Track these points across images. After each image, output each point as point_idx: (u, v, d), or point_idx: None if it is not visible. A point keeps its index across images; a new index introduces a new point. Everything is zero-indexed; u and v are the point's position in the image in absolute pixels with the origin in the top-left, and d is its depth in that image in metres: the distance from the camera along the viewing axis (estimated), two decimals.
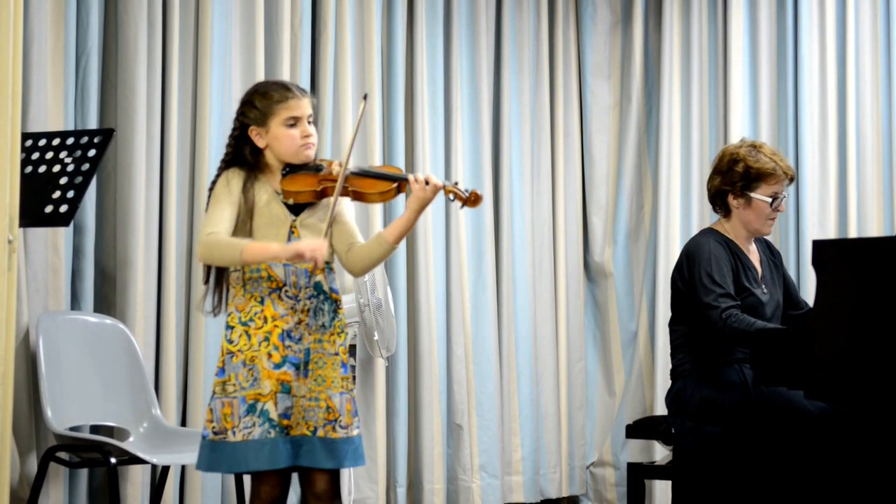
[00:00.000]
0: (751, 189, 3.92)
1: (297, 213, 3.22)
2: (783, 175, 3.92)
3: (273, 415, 3.11)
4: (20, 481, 4.04)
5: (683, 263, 3.92)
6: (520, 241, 5.68)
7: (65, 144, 3.60)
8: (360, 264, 3.27)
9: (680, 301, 3.95)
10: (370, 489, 5.07)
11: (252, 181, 3.20)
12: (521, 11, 5.77)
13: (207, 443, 3.13)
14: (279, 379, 3.12)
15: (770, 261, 4.06)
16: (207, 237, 3.12)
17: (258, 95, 3.25)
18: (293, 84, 3.30)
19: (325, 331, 3.20)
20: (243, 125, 3.25)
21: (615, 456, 5.87)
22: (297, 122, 3.22)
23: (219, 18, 4.68)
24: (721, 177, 3.98)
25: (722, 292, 3.78)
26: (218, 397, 3.13)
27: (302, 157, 3.23)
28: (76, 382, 4.15)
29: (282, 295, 3.16)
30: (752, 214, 3.94)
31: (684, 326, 3.94)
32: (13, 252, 2.83)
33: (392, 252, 3.28)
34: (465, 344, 5.43)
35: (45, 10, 4.18)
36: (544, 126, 5.83)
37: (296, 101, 3.22)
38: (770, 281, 3.99)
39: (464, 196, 3.22)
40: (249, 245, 3.10)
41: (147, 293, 4.43)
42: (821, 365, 3.35)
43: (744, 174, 3.92)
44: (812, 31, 5.64)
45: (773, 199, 3.91)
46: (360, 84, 5.17)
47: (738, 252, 3.93)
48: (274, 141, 3.22)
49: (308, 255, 3.06)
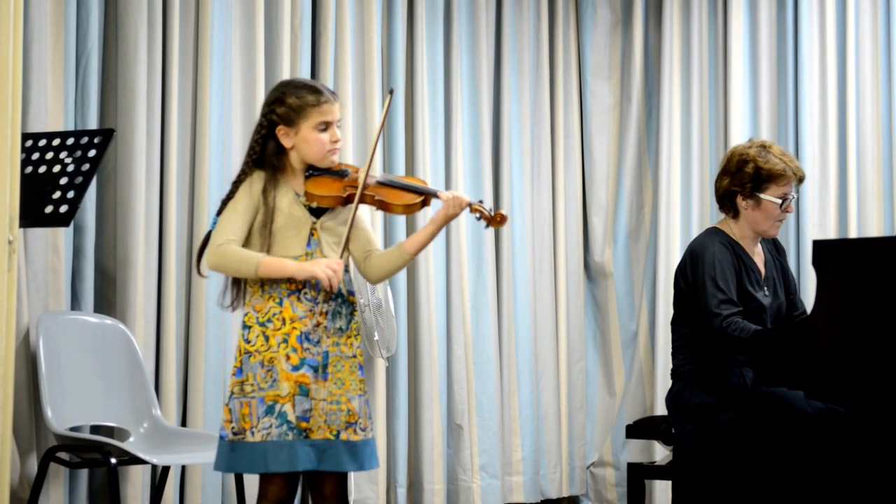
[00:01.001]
0: (760, 190, 3.89)
1: (317, 215, 3.20)
2: (793, 176, 3.90)
3: (291, 417, 3.09)
4: (20, 481, 4.04)
5: (687, 264, 3.90)
6: (520, 242, 5.68)
7: (65, 145, 3.60)
8: (379, 273, 3.29)
9: (682, 301, 3.94)
10: (370, 489, 5.07)
11: (274, 184, 3.17)
12: (521, 12, 5.77)
13: (226, 443, 3.12)
14: (297, 381, 3.11)
15: (775, 260, 4.04)
16: (220, 248, 3.10)
17: (290, 95, 3.19)
18: (325, 87, 3.26)
19: (343, 334, 3.19)
20: (271, 123, 3.21)
21: (615, 456, 5.86)
22: (328, 126, 3.20)
23: (219, 19, 4.68)
24: (730, 177, 3.94)
25: (724, 298, 3.76)
26: (236, 397, 3.12)
27: (328, 161, 3.21)
28: (76, 383, 4.15)
29: (301, 297, 3.14)
30: (760, 216, 3.91)
31: (686, 327, 3.93)
32: (13, 252, 2.83)
33: (410, 262, 3.30)
34: (465, 344, 5.43)
35: (45, 11, 4.18)
36: (544, 126, 5.83)
37: (328, 106, 3.19)
38: (773, 283, 3.97)
39: (489, 215, 3.21)
40: (265, 260, 3.09)
41: (147, 293, 4.42)
42: (821, 365, 3.35)
43: (754, 175, 3.89)
44: (812, 31, 5.64)
45: (783, 200, 3.89)
46: (360, 84, 5.17)
47: (742, 254, 3.91)
48: (302, 143, 3.19)
49: (324, 278, 3.07)
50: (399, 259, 3.26)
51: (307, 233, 3.18)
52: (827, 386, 3.37)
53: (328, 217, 3.22)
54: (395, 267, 3.29)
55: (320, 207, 3.21)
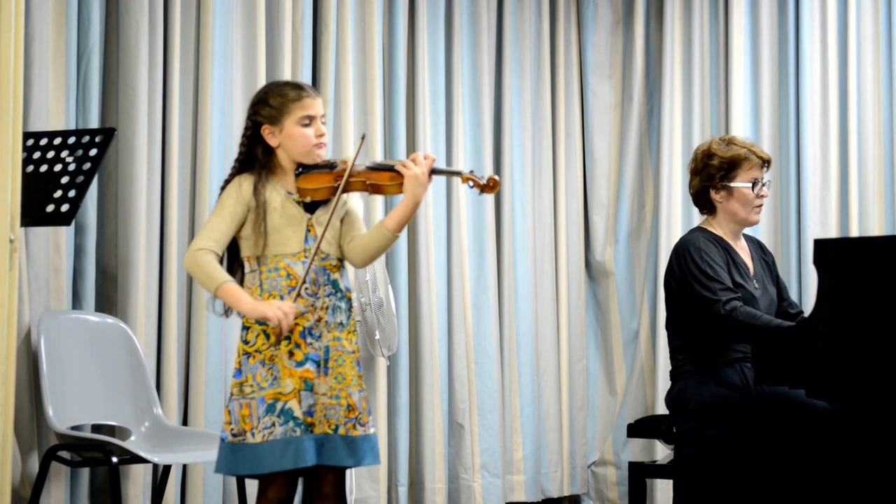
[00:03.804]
0: (729, 179, 3.92)
1: (311, 210, 3.21)
2: (757, 159, 3.93)
3: (297, 413, 3.09)
4: (22, 480, 4.05)
5: (673, 263, 3.91)
6: (521, 240, 5.68)
7: (66, 144, 3.60)
8: (362, 255, 3.25)
9: (675, 301, 3.94)
10: (372, 488, 5.07)
11: (263, 184, 3.18)
12: (522, 11, 5.77)
13: (227, 445, 3.12)
14: (302, 377, 3.11)
15: (762, 259, 4.05)
16: (197, 253, 3.12)
17: (272, 94, 3.22)
18: (306, 84, 3.29)
19: (343, 328, 3.20)
20: (256, 124, 3.23)
21: (616, 455, 5.86)
22: (312, 121, 3.21)
23: (220, 18, 4.68)
24: (699, 175, 3.98)
25: (721, 287, 3.77)
26: (235, 399, 3.12)
27: (314, 156, 3.22)
28: (78, 382, 4.15)
29: (301, 293, 3.15)
30: (736, 204, 3.94)
31: (680, 327, 3.93)
32: (14, 251, 2.84)
33: (394, 241, 3.25)
34: (466, 343, 5.43)
35: (46, 10, 4.18)
36: (545, 125, 5.83)
37: (310, 101, 3.21)
38: (762, 277, 3.98)
39: (482, 182, 3.21)
40: (226, 286, 3.10)
41: (148, 292, 4.43)
42: (822, 364, 3.35)
43: (719, 166, 3.93)
44: (813, 30, 5.63)
45: (754, 184, 3.92)
46: (361, 83, 5.17)
47: (727, 247, 3.93)
48: (288, 140, 3.20)
49: (274, 320, 3.07)
50: (380, 237, 3.22)
51: (304, 229, 3.19)
52: (828, 385, 3.37)
53: (322, 211, 3.22)
54: (377, 247, 3.24)
55: (314, 202, 3.21)
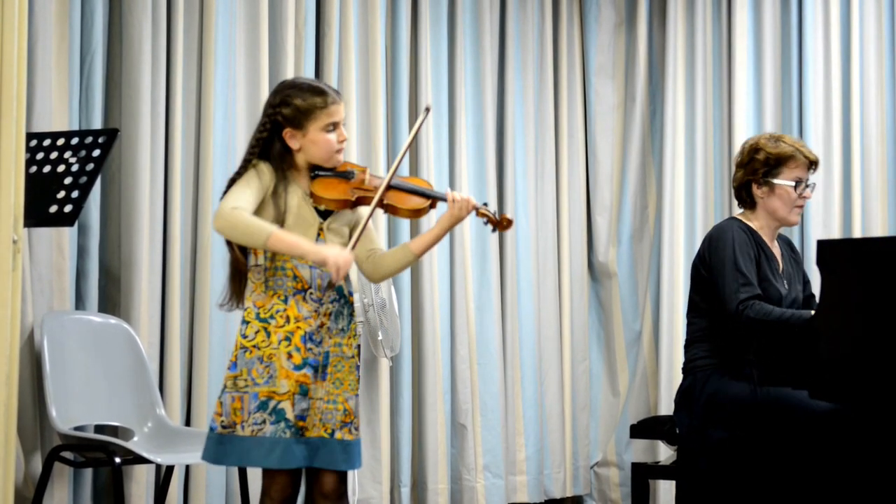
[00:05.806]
0: (773, 175, 3.89)
1: (324, 216, 3.19)
2: (804, 159, 3.89)
3: (289, 415, 3.09)
4: (25, 481, 4.05)
5: (706, 249, 3.87)
6: (524, 241, 5.69)
7: (69, 144, 3.60)
8: (381, 272, 3.29)
9: (702, 289, 3.89)
10: (374, 489, 5.07)
11: (284, 184, 3.14)
12: (525, 11, 5.77)
13: (215, 435, 3.12)
14: (298, 380, 3.10)
15: (791, 258, 4.03)
16: (233, 211, 3.01)
17: (297, 97, 3.16)
18: (329, 87, 3.24)
19: (344, 334, 3.20)
20: (276, 123, 3.18)
21: (619, 456, 5.87)
22: (336, 127, 3.18)
23: (223, 19, 4.69)
24: (743, 169, 3.95)
25: (744, 282, 3.73)
26: (228, 391, 3.11)
27: (334, 161, 3.20)
28: (81, 382, 4.16)
29: (306, 297, 3.13)
30: (777, 202, 3.90)
31: (704, 320, 3.88)
32: (18, 252, 2.84)
33: (413, 264, 3.29)
34: (469, 344, 5.43)
35: (49, 11, 4.19)
36: (548, 126, 5.83)
37: (335, 107, 3.18)
38: (791, 277, 3.96)
39: (496, 219, 3.22)
40: (278, 233, 3.02)
41: (151, 293, 4.43)
42: (825, 365, 3.35)
43: (764, 161, 3.89)
44: (816, 31, 5.63)
45: (797, 184, 3.89)
46: (364, 84, 5.17)
47: (761, 242, 3.90)
48: (311, 145, 3.17)
49: (332, 265, 3.02)
50: (404, 259, 3.27)
51: (315, 233, 3.17)
52: (831, 385, 3.37)
53: (334, 218, 3.21)
54: (398, 267, 3.30)
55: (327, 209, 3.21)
